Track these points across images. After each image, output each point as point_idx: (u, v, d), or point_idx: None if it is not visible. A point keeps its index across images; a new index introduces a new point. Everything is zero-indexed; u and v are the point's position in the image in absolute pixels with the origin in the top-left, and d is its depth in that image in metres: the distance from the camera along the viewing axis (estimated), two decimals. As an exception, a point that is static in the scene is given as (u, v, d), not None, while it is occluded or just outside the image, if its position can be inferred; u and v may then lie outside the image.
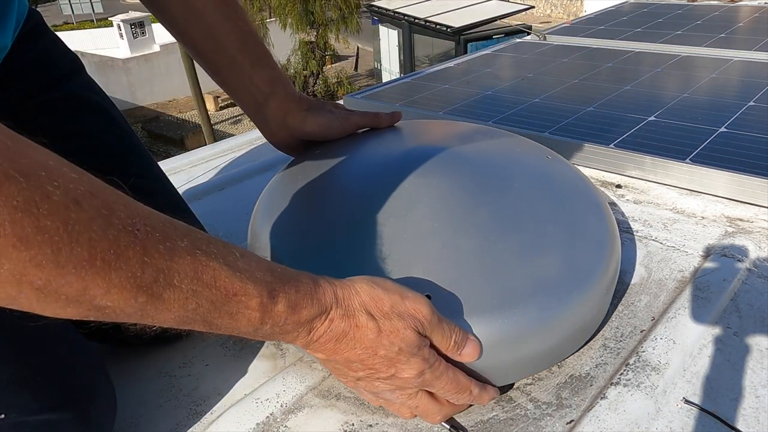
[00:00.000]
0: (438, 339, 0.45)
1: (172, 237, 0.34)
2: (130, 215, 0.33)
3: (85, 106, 0.64)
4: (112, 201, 0.32)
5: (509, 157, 0.70)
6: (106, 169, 0.61)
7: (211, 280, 0.35)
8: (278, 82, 0.68)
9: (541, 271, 0.53)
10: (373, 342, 0.43)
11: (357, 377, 0.46)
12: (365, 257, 0.54)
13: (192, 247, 0.35)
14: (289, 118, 0.69)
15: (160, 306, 0.34)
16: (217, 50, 0.66)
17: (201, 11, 0.64)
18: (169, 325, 0.36)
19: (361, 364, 0.44)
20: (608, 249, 0.57)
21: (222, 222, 0.85)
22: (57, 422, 0.43)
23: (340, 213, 0.60)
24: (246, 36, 0.66)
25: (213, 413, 0.53)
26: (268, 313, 0.39)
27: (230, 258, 0.37)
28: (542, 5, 16.16)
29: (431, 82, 1.32)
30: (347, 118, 0.71)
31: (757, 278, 0.64)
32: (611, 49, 1.51)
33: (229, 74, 0.68)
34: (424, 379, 0.45)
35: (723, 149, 0.87)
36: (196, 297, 0.35)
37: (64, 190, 0.30)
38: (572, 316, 0.52)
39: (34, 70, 0.61)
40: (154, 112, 13.91)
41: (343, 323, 0.42)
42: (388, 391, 0.46)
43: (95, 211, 0.31)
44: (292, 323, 0.40)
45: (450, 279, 0.51)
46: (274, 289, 0.39)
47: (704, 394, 0.50)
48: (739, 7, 1.92)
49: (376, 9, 8.17)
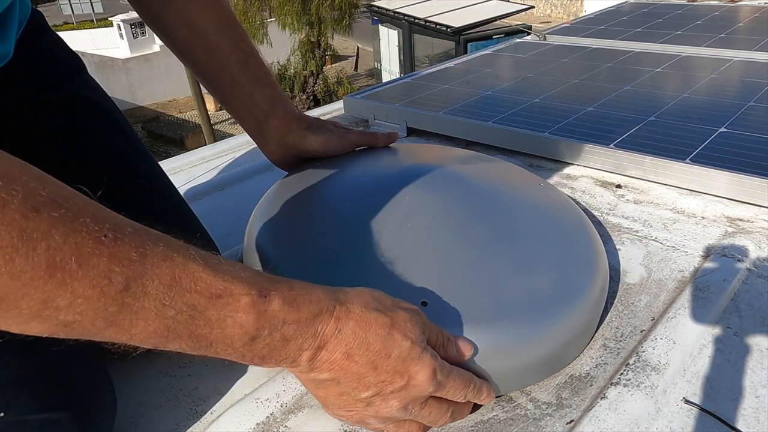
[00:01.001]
0: (432, 339, 0.45)
1: (145, 243, 0.33)
2: (97, 222, 0.31)
3: (86, 106, 0.64)
4: (79, 208, 0.31)
5: (503, 182, 0.72)
6: (107, 169, 0.61)
7: (190, 284, 0.34)
8: (278, 101, 0.70)
9: (532, 285, 0.54)
10: (386, 341, 0.41)
11: (368, 398, 0.42)
12: (362, 267, 0.54)
13: (168, 252, 0.33)
14: (289, 136, 0.70)
15: (133, 316, 0.32)
16: (218, 71, 0.67)
17: (203, 33, 0.65)
18: (151, 340, 0.34)
19: (374, 376, 0.41)
20: (595, 266, 0.58)
21: (222, 222, 0.85)
22: (56, 421, 0.43)
23: (336, 225, 0.61)
24: (247, 57, 0.67)
25: (213, 413, 0.53)
26: (263, 314, 0.36)
27: (212, 261, 0.35)
28: (542, 5, 16.17)
29: (431, 82, 1.32)
30: (345, 136, 0.72)
31: (757, 278, 0.64)
32: (611, 49, 1.51)
33: (231, 93, 0.69)
34: (438, 381, 0.43)
35: (723, 149, 0.87)
36: (174, 304, 0.33)
37: (23, 198, 0.29)
38: (562, 328, 0.52)
39: (35, 71, 0.61)
40: (154, 112, 13.92)
41: (351, 322, 0.40)
42: (402, 408, 0.43)
43: (57, 218, 0.30)
44: (293, 323, 0.37)
45: (445, 289, 0.52)
46: (265, 287, 0.37)
47: (704, 394, 0.50)
48: (739, 7, 1.92)
49: (376, 9, 8.17)
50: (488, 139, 1.02)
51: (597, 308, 0.57)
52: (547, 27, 1.96)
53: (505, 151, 1.00)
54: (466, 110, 1.11)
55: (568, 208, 0.68)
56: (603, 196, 0.85)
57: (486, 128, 1.02)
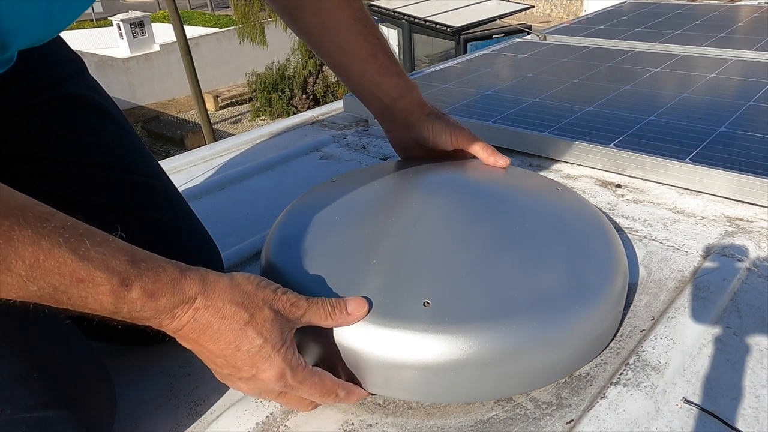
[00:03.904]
0: (315, 316, 0.48)
1: (14, 227, 0.37)
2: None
3: (86, 106, 0.64)
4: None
5: (524, 188, 0.73)
6: (107, 167, 0.61)
7: (54, 266, 0.38)
8: (405, 88, 0.76)
9: (548, 286, 0.53)
10: (238, 335, 0.44)
11: (223, 374, 0.47)
12: (381, 268, 0.55)
13: (35, 237, 0.37)
14: (410, 119, 0.76)
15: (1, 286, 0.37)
16: (349, 63, 0.75)
17: (335, 31, 0.73)
18: (21, 302, 0.39)
19: (224, 360, 0.45)
20: (614, 269, 0.57)
21: (222, 222, 0.85)
22: (54, 420, 0.43)
23: (355, 229, 0.61)
24: (375, 49, 0.74)
25: (213, 413, 0.53)
26: (122, 299, 0.40)
27: (82, 248, 0.39)
28: (542, 5, 16.16)
29: (431, 81, 1.32)
30: (457, 133, 0.76)
31: (757, 278, 0.64)
32: (611, 49, 1.51)
33: (360, 83, 0.76)
34: (286, 383, 0.46)
35: (723, 149, 0.87)
36: (36, 282, 0.37)
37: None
38: (579, 330, 0.52)
39: (36, 71, 0.61)
40: (154, 111, 13.90)
41: (208, 313, 0.43)
42: (255, 394, 0.48)
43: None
44: (150, 310, 0.42)
45: (452, 288, 0.52)
46: (128, 278, 0.40)
47: (704, 394, 0.50)
48: (739, 7, 1.92)
49: (376, 8, 8.17)
50: (488, 138, 1.01)
51: (615, 311, 0.57)
52: (546, 27, 1.96)
53: (505, 151, 1.00)
54: (465, 110, 1.11)
55: (587, 212, 0.67)
56: (603, 196, 0.85)
57: (486, 128, 1.02)
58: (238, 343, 0.44)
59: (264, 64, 12.48)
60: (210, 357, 0.45)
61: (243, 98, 13.97)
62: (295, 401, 0.49)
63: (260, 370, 0.45)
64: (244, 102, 13.88)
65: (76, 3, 0.52)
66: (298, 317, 0.47)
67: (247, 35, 13.00)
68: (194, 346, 0.45)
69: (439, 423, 0.50)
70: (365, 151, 1.07)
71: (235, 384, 0.48)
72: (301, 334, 0.50)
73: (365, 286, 0.52)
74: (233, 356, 0.44)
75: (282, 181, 0.98)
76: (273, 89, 12.24)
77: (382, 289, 0.52)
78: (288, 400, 0.49)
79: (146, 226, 0.61)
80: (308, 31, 0.74)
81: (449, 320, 0.49)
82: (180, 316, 0.43)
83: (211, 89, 13.97)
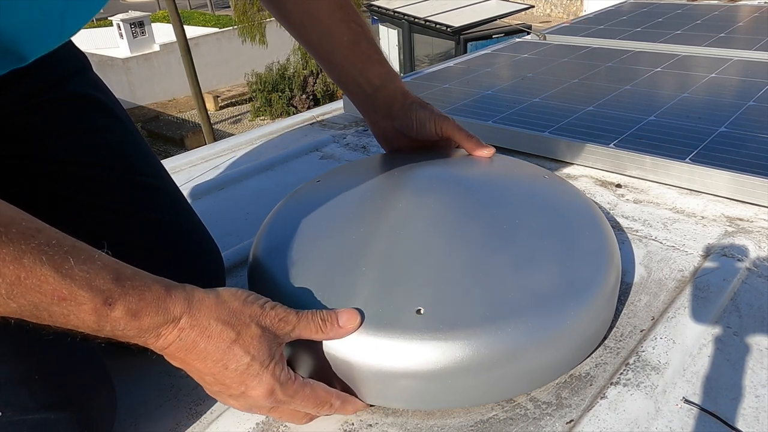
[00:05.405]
0: (305, 330, 0.47)
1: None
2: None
3: (90, 105, 0.63)
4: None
5: (512, 179, 0.72)
6: (109, 166, 0.61)
7: (35, 284, 0.37)
8: (387, 77, 0.74)
9: (540, 285, 0.53)
10: (225, 354, 0.43)
11: (213, 391, 0.46)
12: (367, 272, 0.54)
13: (17, 255, 0.37)
14: (393, 108, 0.75)
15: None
16: (331, 51, 0.73)
17: (318, 16, 0.71)
18: (4, 317, 0.38)
19: (213, 377, 0.44)
20: (606, 263, 0.57)
21: (222, 222, 0.85)
22: (55, 421, 0.43)
23: (343, 232, 0.60)
24: (358, 37, 0.73)
25: (213, 413, 0.53)
26: (104, 317, 0.40)
27: (65, 266, 0.38)
28: (542, 5, 16.16)
29: (431, 81, 1.32)
30: (441, 122, 0.74)
31: (757, 278, 0.64)
32: (611, 49, 1.51)
33: (342, 71, 0.74)
34: (276, 398, 0.45)
35: (723, 149, 0.87)
36: (16, 299, 0.37)
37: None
38: (574, 328, 0.52)
39: (40, 69, 0.61)
40: (154, 111, 13.90)
41: (193, 333, 0.43)
42: (245, 410, 0.47)
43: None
44: (134, 329, 0.41)
45: (443, 293, 0.51)
46: (111, 297, 0.40)
47: (704, 394, 0.50)
48: (738, 7, 1.92)
49: (376, 9, 8.17)
50: (488, 138, 1.01)
51: (609, 307, 0.57)
52: (546, 26, 1.96)
53: (504, 151, 1.00)
54: (465, 110, 1.11)
55: (578, 201, 0.67)
56: (603, 196, 0.85)
57: (486, 128, 1.02)
58: (226, 361, 0.43)
59: (264, 64, 12.48)
60: (199, 375, 0.45)
61: (243, 98, 13.98)
62: (287, 415, 0.48)
63: (249, 388, 0.44)
64: (244, 102, 13.88)
65: (87, 9, 0.52)
66: (287, 332, 0.46)
67: (247, 35, 13.00)
68: (182, 365, 0.45)
69: (439, 423, 0.50)
70: (365, 151, 1.07)
71: (225, 400, 0.47)
72: (294, 346, 0.49)
73: (355, 296, 0.51)
74: (221, 374, 0.44)
75: (282, 181, 0.98)
76: (273, 89, 12.24)
77: (373, 297, 0.51)
78: (281, 414, 0.48)
79: (148, 227, 0.61)
80: (290, 18, 0.73)
81: (443, 327, 0.48)
82: (165, 335, 0.42)
83: (211, 89, 13.97)
